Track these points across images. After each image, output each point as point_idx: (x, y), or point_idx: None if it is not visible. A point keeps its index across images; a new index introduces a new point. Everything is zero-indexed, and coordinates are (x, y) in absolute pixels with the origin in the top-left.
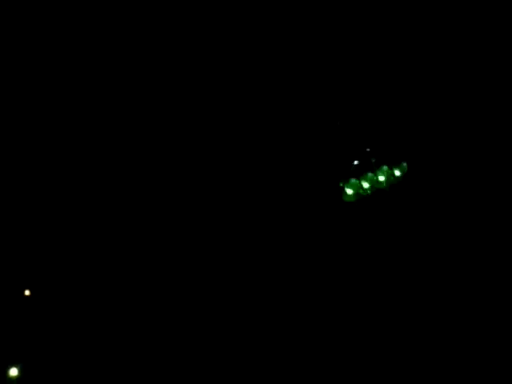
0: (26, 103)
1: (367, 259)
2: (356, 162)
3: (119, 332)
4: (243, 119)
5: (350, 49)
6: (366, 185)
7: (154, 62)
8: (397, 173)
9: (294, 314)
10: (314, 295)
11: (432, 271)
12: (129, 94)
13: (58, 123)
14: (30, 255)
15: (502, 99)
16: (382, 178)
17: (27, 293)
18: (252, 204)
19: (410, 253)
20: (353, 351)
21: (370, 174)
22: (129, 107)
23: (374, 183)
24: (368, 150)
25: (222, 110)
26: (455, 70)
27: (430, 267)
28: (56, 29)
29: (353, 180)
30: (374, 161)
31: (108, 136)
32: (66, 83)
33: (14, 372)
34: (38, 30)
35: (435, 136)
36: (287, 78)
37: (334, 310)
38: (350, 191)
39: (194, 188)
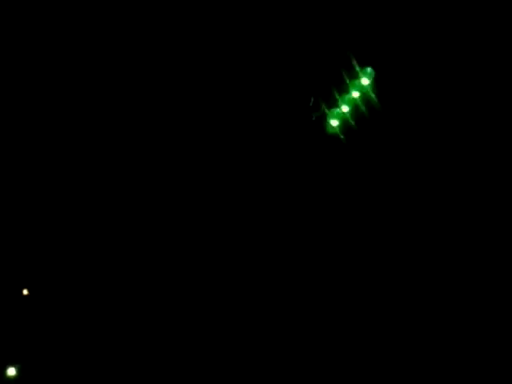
0: (26, 103)
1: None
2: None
3: (119, 332)
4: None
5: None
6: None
7: (153, 61)
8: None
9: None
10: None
11: (432, 270)
12: (129, 94)
13: (58, 123)
14: (30, 255)
15: (502, 99)
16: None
17: (25, 292)
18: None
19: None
20: (353, 351)
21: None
22: (129, 107)
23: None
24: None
25: (221, 110)
26: (455, 69)
27: (430, 263)
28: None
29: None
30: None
31: (108, 136)
32: (66, 83)
33: (12, 372)
34: (37, 29)
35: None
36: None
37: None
38: (334, 122)
39: (194, 188)
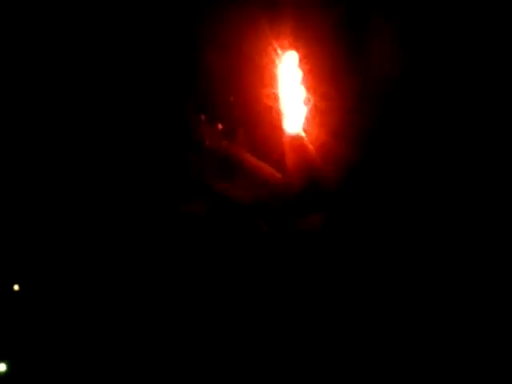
0: (26, 103)
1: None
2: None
3: (119, 331)
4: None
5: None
6: None
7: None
8: None
9: (289, 313)
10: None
11: (433, 272)
12: (128, 94)
13: (58, 123)
14: (29, 254)
15: (502, 99)
16: None
17: (16, 288)
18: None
19: (408, 251)
20: (353, 351)
21: None
22: (128, 107)
23: None
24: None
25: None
26: (455, 69)
27: (431, 268)
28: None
29: None
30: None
31: (108, 136)
32: (66, 83)
33: (1, 368)
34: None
35: (437, 134)
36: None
37: (332, 309)
38: None
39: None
